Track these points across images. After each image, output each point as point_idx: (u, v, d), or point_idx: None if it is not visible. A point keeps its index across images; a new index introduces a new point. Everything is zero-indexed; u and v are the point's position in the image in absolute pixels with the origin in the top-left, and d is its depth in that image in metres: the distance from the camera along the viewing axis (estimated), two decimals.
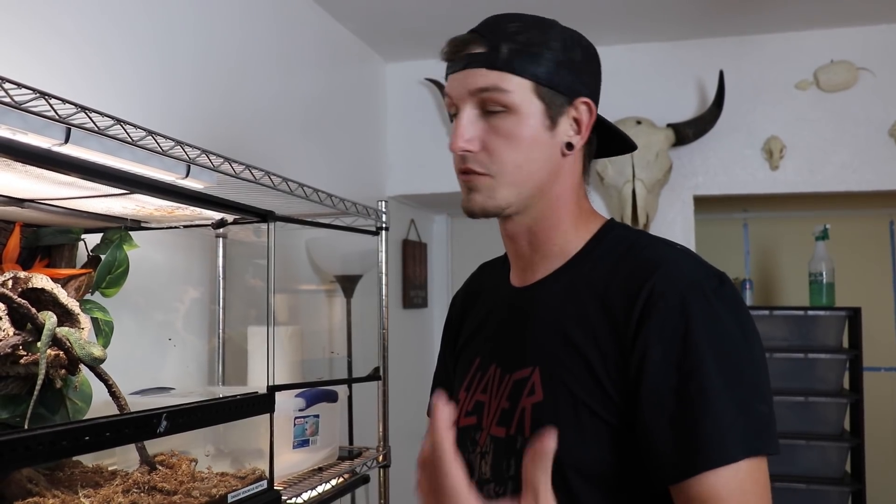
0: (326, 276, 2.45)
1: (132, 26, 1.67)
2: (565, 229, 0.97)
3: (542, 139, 0.93)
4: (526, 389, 0.92)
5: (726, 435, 0.80)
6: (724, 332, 0.84)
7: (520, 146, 0.91)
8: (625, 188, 2.76)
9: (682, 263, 0.89)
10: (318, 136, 2.55)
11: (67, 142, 0.92)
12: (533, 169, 0.93)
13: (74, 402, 1.16)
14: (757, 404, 0.83)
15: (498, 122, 0.91)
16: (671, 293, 0.85)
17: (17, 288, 1.06)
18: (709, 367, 0.82)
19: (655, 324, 0.85)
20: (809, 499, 2.82)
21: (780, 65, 2.84)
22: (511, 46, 0.90)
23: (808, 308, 2.91)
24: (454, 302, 1.20)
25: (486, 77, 0.90)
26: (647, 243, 0.95)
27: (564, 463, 0.87)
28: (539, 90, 0.91)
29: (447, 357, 1.18)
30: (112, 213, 1.27)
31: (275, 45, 2.29)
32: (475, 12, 1.04)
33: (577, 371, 0.88)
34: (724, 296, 0.87)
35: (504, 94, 0.90)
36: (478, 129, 0.92)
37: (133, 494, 1.05)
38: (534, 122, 0.91)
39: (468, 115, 0.92)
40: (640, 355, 0.84)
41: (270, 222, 1.31)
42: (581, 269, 0.95)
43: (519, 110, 0.91)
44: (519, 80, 0.90)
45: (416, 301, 3.38)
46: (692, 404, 0.82)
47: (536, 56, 0.91)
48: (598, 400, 0.87)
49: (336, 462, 1.70)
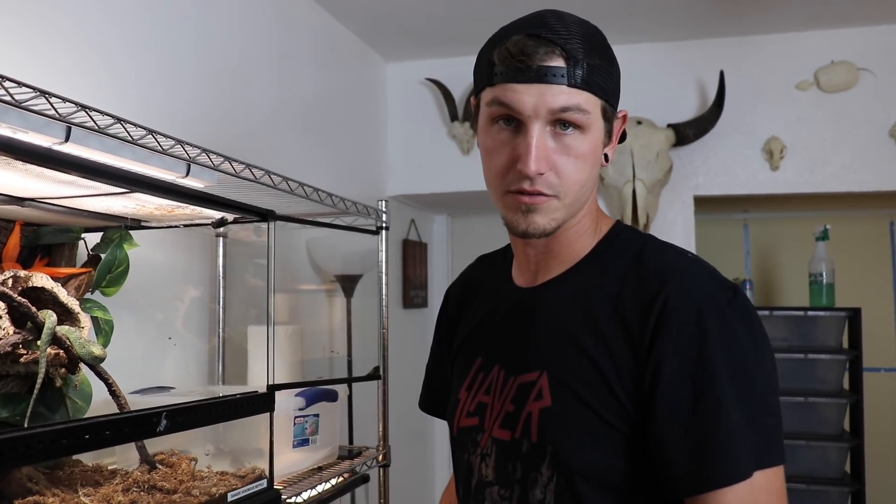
0: (327, 276, 2.45)
1: (133, 26, 1.67)
2: (579, 233, 0.97)
3: (599, 156, 0.92)
4: (533, 393, 0.92)
5: (739, 450, 0.81)
6: (738, 347, 0.85)
7: (586, 166, 0.89)
8: (625, 188, 2.76)
9: (695, 274, 0.90)
10: (319, 136, 2.55)
11: (68, 140, 0.92)
12: (589, 186, 0.92)
13: (74, 401, 1.16)
14: (765, 417, 0.84)
15: (569, 142, 0.87)
16: (686, 305, 0.85)
17: (17, 287, 1.06)
18: (723, 381, 0.82)
19: (670, 336, 0.85)
20: (809, 499, 2.82)
21: (780, 65, 2.84)
22: (588, 62, 0.85)
23: (809, 308, 2.91)
24: (449, 294, 1.19)
25: (569, 97, 0.85)
26: (658, 249, 0.94)
27: (572, 469, 0.87)
28: (605, 109, 0.89)
29: (442, 350, 1.18)
30: (112, 212, 1.27)
31: (275, 44, 2.29)
32: (475, 12, 1.04)
33: (588, 378, 0.88)
34: (738, 308, 0.87)
35: (584, 115, 0.86)
36: (548, 150, 0.87)
37: (133, 493, 1.05)
38: (598, 140, 0.90)
39: (540, 133, 0.86)
40: (655, 367, 0.85)
41: (270, 221, 1.31)
42: (591, 273, 0.95)
43: (590, 130, 0.88)
44: (594, 99, 0.87)
45: (417, 301, 3.38)
46: (706, 418, 0.82)
47: (604, 72, 0.88)
48: (609, 408, 0.87)
49: (336, 461, 1.70)
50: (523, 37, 0.86)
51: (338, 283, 2.40)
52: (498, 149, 0.90)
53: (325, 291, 2.52)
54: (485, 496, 0.96)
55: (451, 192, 3.10)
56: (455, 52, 3.02)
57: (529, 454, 0.91)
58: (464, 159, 3.06)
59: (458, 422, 1.03)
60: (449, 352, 1.14)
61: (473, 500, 0.98)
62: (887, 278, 3.64)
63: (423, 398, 1.24)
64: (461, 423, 1.02)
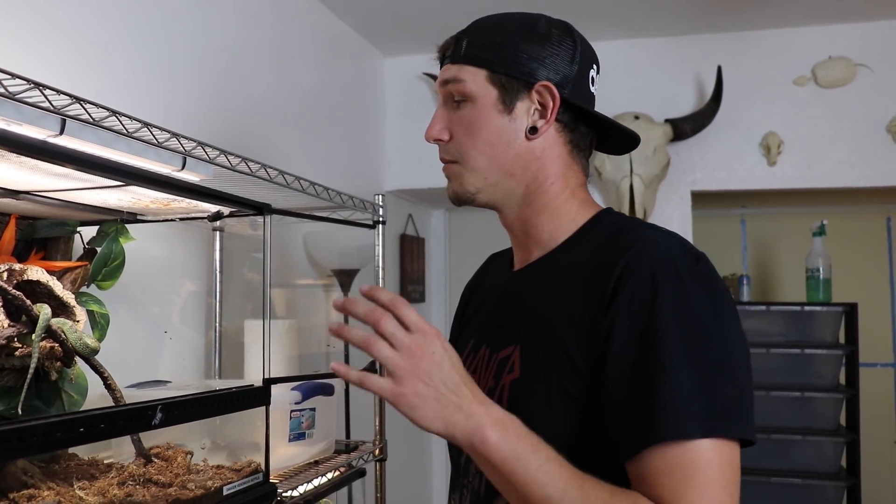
0: (324, 271, 2.45)
1: (128, 19, 1.66)
2: (552, 215, 0.99)
3: (499, 124, 0.96)
4: (507, 367, 0.95)
5: (682, 410, 0.79)
6: (691, 309, 0.84)
7: (477, 133, 0.97)
8: (622, 183, 2.76)
9: (660, 241, 0.89)
10: (316, 131, 2.55)
11: (62, 133, 0.92)
12: (494, 153, 0.97)
13: (70, 395, 1.16)
14: (722, 384, 0.81)
15: (460, 112, 0.97)
16: (643, 268, 0.85)
17: (12, 280, 1.06)
18: (671, 341, 0.81)
19: (624, 297, 0.85)
20: (805, 494, 2.82)
21: (778, 60, 2.84)
22: (471, 39, 0.97)
23: (805, 304, 2.91)
24: (463, 294, 1.23)
25: (448, 70, 0.98)
26: (634, 226, 0.95)
27: None
28: (493, 77, 0.95)
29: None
30: (108, 205, 1.27)
31: (272, 38, 2.29)
32: (472, 6, 1.04)
33: (551, 348, 0.90)
34: (699, 274, 0.86)
35: (460, 85, 0.96)
36: (446, 120, 0.99)
37: (128, 486, 1.05)
38: (488, 108, 0.96)
39: (441, 107, 1.00)
40: (608, 328, 0.85)
41: (266, 215, 1.31)
42: (568, 252, 0.97)
43: (475, 98, 0.96)
44: (474, 69, 0.96)
45: (414, 296, 3.38)
46: (650, 377, 0.81)
47: (496, 46, 0.95)
48: (570, 377, 0.87)
49: (332, 455, 1.70)
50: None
51: (335, 278, 2.40)
52: None
53: (322, 286, 2.52)
54: (469, 471, 0.99)
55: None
56: None
57: None
58: None
59: None
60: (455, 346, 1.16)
61: (461, 476, 1.01)
62: (884, 274, 3.64)
63: None
64: None
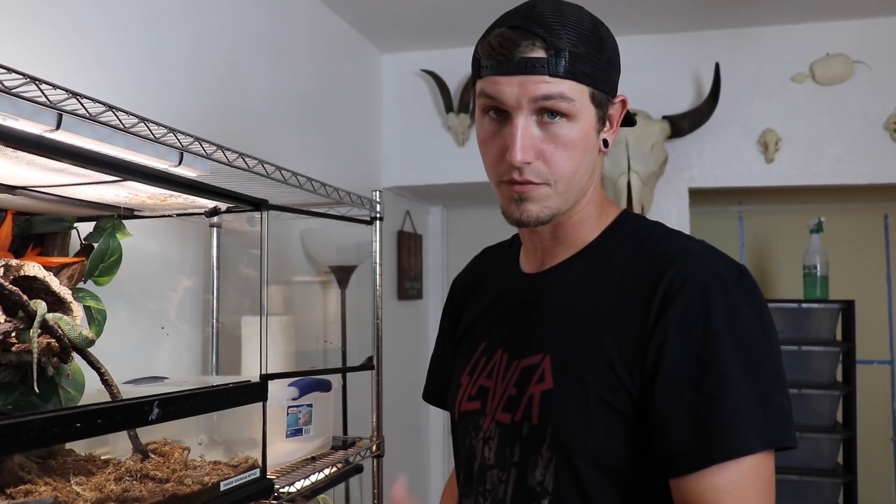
0: (321, 267, 2.45)
1: (124, 14, 1.66)
2: (587, 219, 0.98)
3: (593, 143, 0.92)
4: (535, 376, 0.93)
5: (745, 425, 0.80)
6: (743, 324, 0.85)
7: (576, 153, 0.90)
8: (620, 180, 2.76)
9: (702, 254, 0.90)
10: (314, 127, 2.54)
11: (59, 128, 0.92)
12: (583, 172, 0.92)
13: (67, 391, 1.16)
14: (776, 397, 0.83)
15: (556, 130, 0.88)
16: (691, 283, 0.85)
17: (8, 276, 1.06)
18: (728, 357, 0.82)
19: (675, 314, 0.85)
20: (802, 490, 2.83)
21: (776, 57, 2.84)
22: (571, 50, 0.86)
23: (802, 301, 2.92)
24: (454, 285, 1.20)
25: (550, 85, 0.86)
26: (665, 235, 0.95)
27: (572, 451, 0.88)
28: (594, 95, 0.89)
29: (446, 342, 1.18)
30: (105, 201, 1.27)
31: (270, 33, 2.28)
32: (471, 3, 1.04)
33: (590, 360, 0.89)
34: (744, 288, 0.87)
35: (568, 103, 0.87)
36: (534, 139, 0.88)
37: (125, 482, 1.05)
38: (588, 127, 0.90)
39: (525, 123, 0.87)
40: (659, 345, 0.85)
41: (264, 211, 1.31)
42: (596, 258, 0.96)
43: (580, 118, 0.88)
44: (580, 87, 0.87)
45: (412, 292, 3.38)
46: (710, 394, 0.82)
47: (591, 60, 0.88)
48: (612, 390, 0.87)
49: (330, 451, 1.71)
50: (505, 30, 0.87)
51: (332, 274, 2.40)
52: (490, 140, 0.92)
53: (319, 282, 2.52)
54: (486, 479, 0.97)
55: (446, 184, 3.10)
56: (450, 44, 3.01)
57: (530, 436, 0.91)
58: (459, 150, 3.06)
59: (459, 406, 1.04)
60: (452, 341, 1.15)
61: (476, 484, 0.99)
62: (881, 271, 3.65)
63: (427, 389, 1.24)
64: (462, 408, 1.03)
